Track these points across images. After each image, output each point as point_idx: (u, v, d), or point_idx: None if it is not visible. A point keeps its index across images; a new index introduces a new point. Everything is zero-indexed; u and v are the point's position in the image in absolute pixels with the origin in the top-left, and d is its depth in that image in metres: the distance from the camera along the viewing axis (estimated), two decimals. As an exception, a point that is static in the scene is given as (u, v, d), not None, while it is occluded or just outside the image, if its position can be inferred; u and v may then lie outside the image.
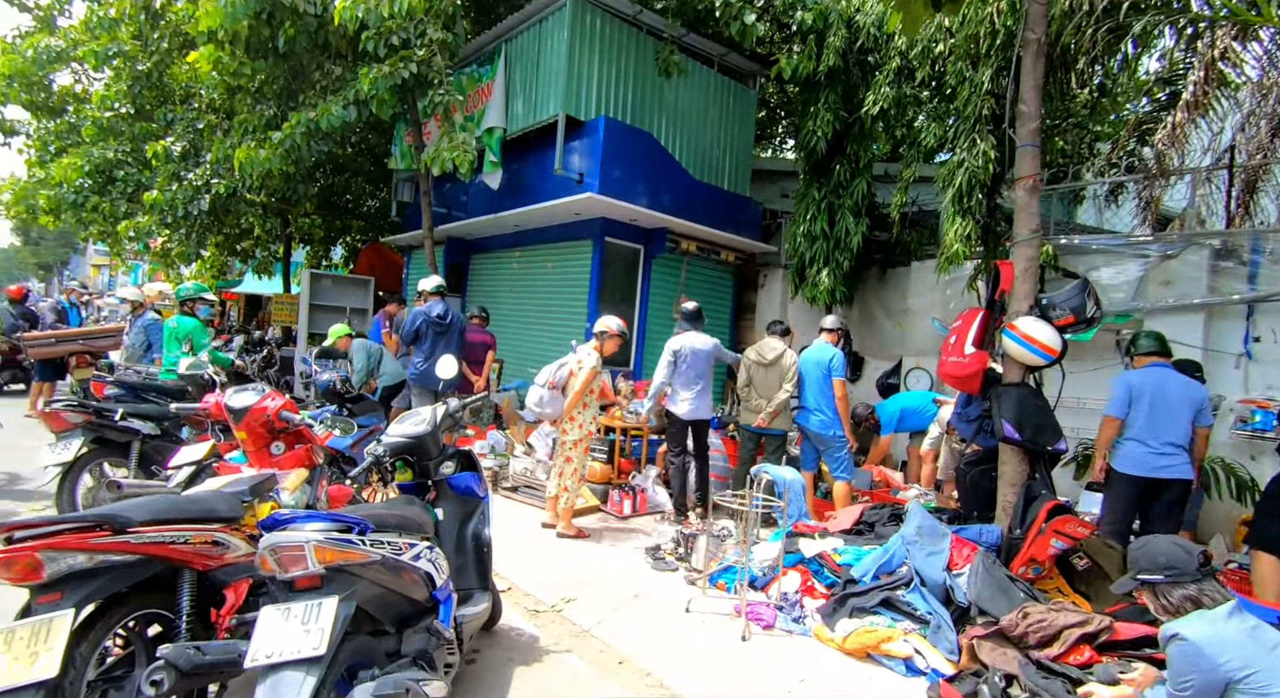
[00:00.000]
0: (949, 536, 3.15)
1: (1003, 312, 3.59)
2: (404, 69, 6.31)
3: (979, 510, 3.72)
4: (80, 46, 9.64)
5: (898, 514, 3.78)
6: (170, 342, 5.55)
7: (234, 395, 2.79)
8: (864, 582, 3.05)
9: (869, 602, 2.90)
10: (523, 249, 8.62)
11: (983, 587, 2.83)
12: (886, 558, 3.09)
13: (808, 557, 3.37)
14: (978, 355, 3.51)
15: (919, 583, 2.95)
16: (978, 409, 3.70)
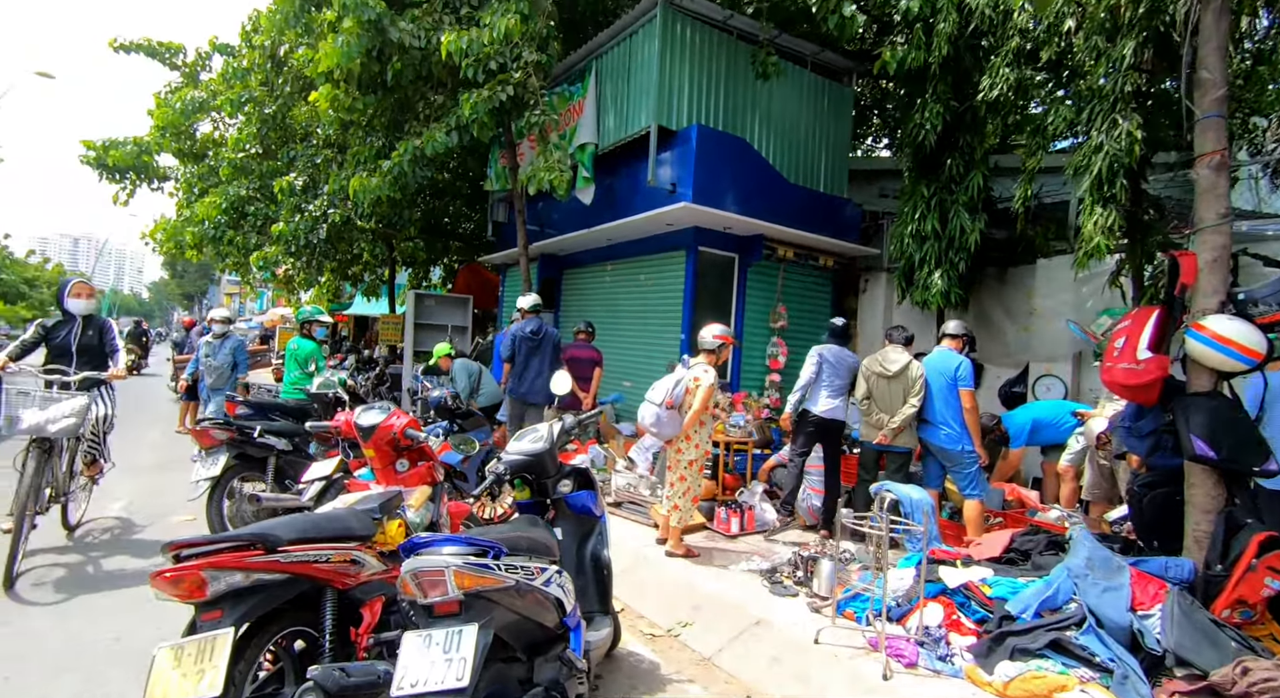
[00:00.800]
0: (1127, 569, 2.74)
1: (1183, 310, 3.11)
2: (501, 92, 6.50)
3: (1160, 541, 3.23)
4: (218, 96, 10.72)
5: (1057, 542, 3.36)
6: (291, 363, 5.87)
7: (362, 414, 2.86)
8: (1023, 619, 2.70)
9: (1033, 643, 2.55)
10: (615, 262, 8.65)
11: (1182, 633, 2.41)
12: (1050, 593, 2.72)
13: (950, 587, 3.04)
14: (1155, 361, 3.04)
15: (1094, 624, 2.57)
16: (1153, 423, 3.22)
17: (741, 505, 4.91)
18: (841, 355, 4.93)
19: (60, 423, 3.65)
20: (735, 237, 7.37)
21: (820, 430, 4.84)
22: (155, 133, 11.17)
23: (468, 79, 6.70)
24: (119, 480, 5.74)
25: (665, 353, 7.52)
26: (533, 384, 6.56)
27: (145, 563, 3.84)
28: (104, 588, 3.53)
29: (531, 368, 6.55)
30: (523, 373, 6.47)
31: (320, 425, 3.06)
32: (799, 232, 7.23)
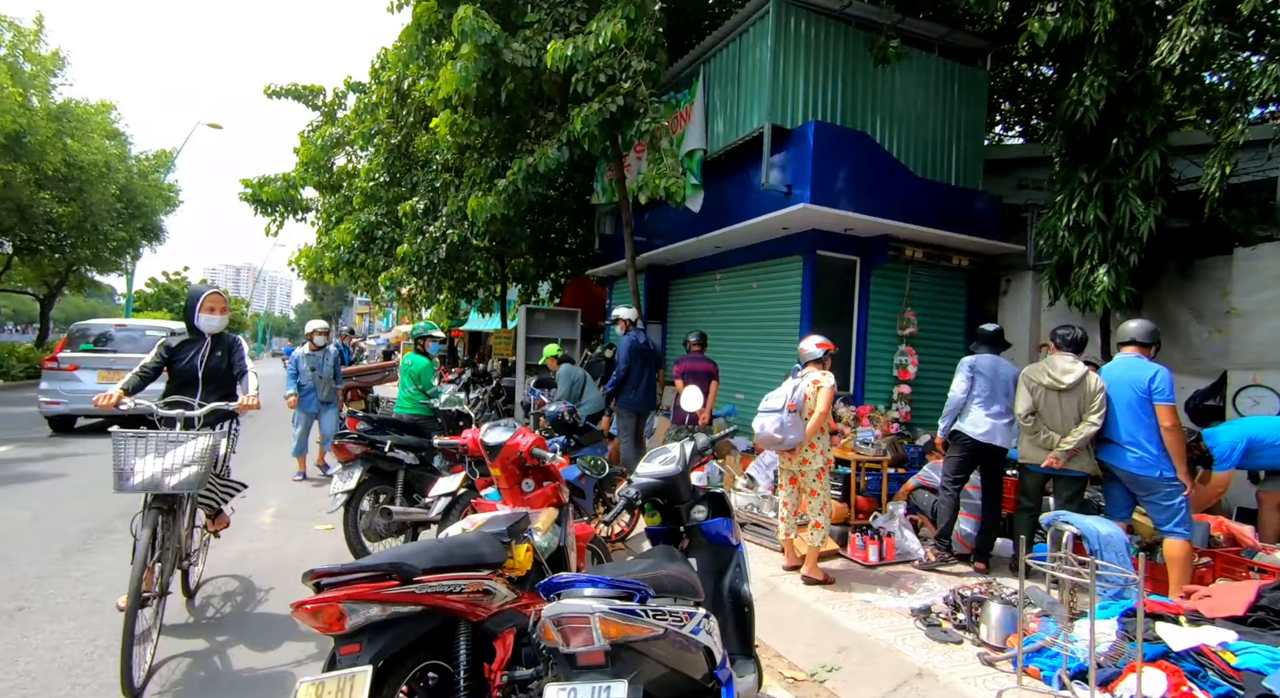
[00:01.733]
0: None
1: None
2: (611, 103, 6.45)
3: None
4: (351, 131, 11.65)
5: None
6: (405, 378, 5.83)
7: (488, 431, 2.79)
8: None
9: (1311, 736, 1.98)
10: (724, 271, 8.37)
11: None
12: (1327, 669, 2.12)
13: (1175, 650, 2.48)
14: None
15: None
16: None
17: (879, 532, 4.43)
18: (997, 366, 4.35)
19: (181, 474, 2.86)
20: (857, 238, 6.87)
21: (978, 455, 4.28)
22: (300, 169, 12.30)
23: (578, 94, 6.74)
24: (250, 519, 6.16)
25: (781, 364, 7.12)
26: (645, 395, 6.46)
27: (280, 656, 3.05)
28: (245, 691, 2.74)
29: (645, 379, 6.46)
30: (638, 384, 6.39)
31: (448, 442, 3.03)
32: (929, 229, 6.61)
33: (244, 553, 4.42)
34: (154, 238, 22.02)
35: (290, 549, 4.54)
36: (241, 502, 5.86)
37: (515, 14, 7.51)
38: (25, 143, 14.49)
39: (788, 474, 4.16)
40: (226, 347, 3.60)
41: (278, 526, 5.10)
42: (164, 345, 3.52)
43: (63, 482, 6.14)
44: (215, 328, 3.59)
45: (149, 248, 22.79)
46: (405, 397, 5.75)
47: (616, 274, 10.99)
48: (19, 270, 20.76)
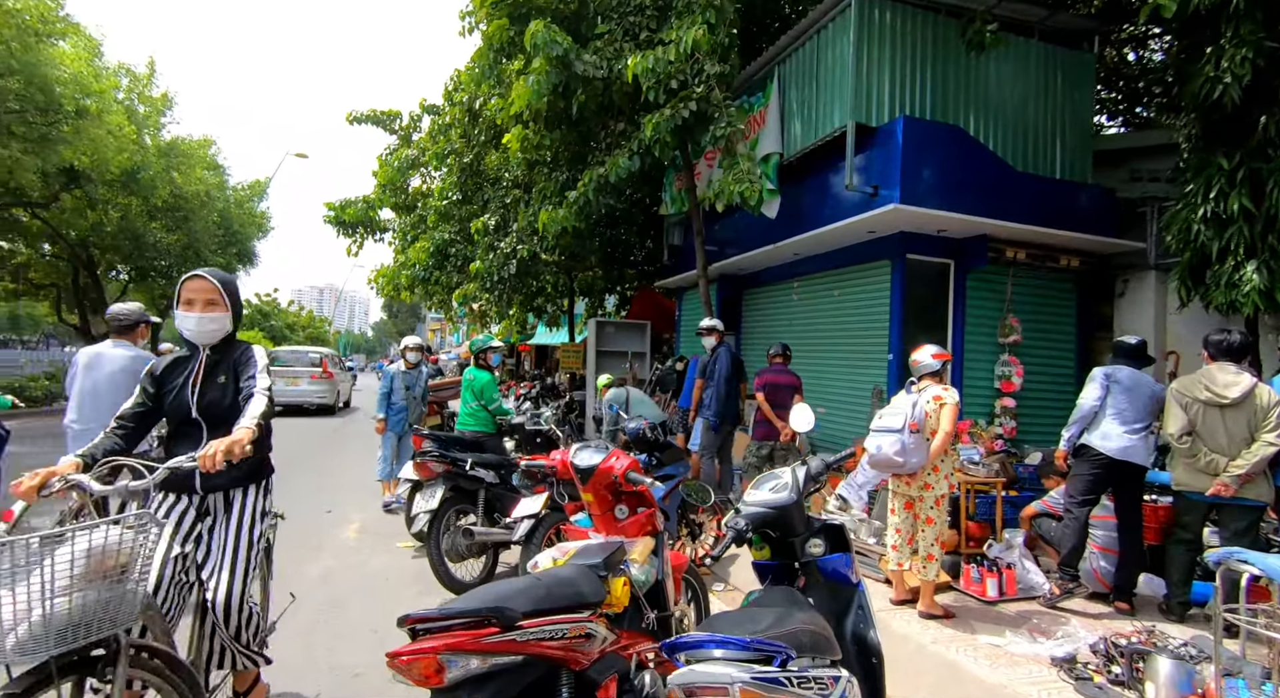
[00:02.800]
0: None
1: None
2: (684, 109, 6.28)
3: None
4: (426, 152, 12.03)
5: None
6: (466, 393, 5.51)
7: (579, 453, 2.61)
8: None
9: None
10: (802, 279, 7.99)
11: None
12: None
13: None
14: None
15: None
16: None
17: (997, 563, 3.97)
18: (1138, 380, 3.84)
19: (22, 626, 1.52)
20: (950, 240, 6.38)
21: (1112, 474, 3.77)
22: (378, 190, 12.80)
23: (649, 102, 6.61)
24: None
25: (868, 376, 6.68)
26: (732, 410, 6.19)
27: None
28: None
29: (732, 393, 6.21)
30: (725, 398, 6.15)
31: (535, 464, 2.88)
32: (1033, 228, 6.05)
33: (330, 571, 4.42)
34: (248, 262, 23.53)
35: (373, 567, 4.52)
36: (327, 517, 6.00)
37: (585, 26, 7.50)
38: (139, 178, 15.76)
39: (902, 499, 3.79)
40: (232, 363, 2.33)
41: (361, 542, 5.12)
42: (148, 373, 2.33)
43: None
44: (206, 334, 2.29)
45: (244, 271, 24.41)
46: (467, 413, 5.44)
47: (686, 285, 10.77)
48: (133, 295, 22.68)
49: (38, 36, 11.06)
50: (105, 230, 16.41)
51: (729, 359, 6.24)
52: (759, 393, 5.79)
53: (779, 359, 6.09)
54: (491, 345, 5.71)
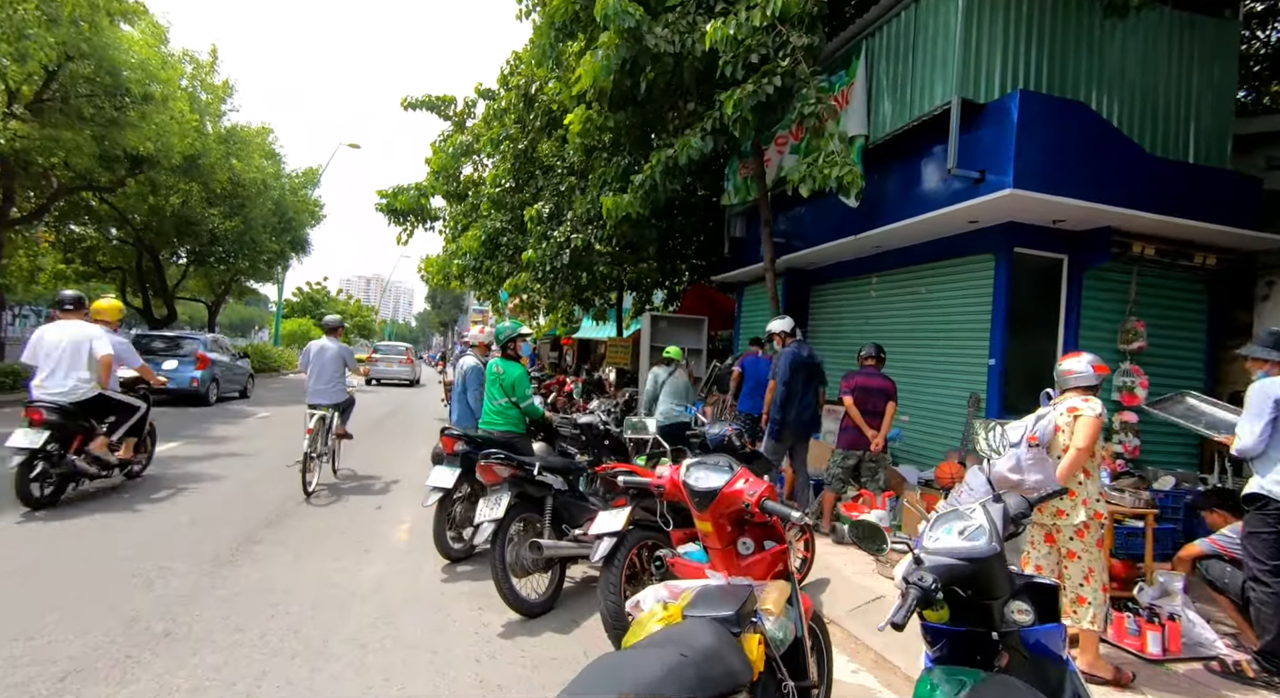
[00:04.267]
0: None
1: None
2: (768, 84, 5.74)
3: None
4: (480, 138, 11.74)
5: None
6: (493, 388, 4.80)
7: (695, 471, 2.14)
8: None
9: None
10: (882, 274, 7.35)
11: None
12: None
13: None
14: None
15: None
16: None
17: (1156, 612, 3.34)
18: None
19: None
20: (1065, 232, 5.67)
21: None
22: (431, 177, 12.60)
23: (725, 78, 6.10)
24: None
25: (963, 383, 6.03)
26: (803, 416, 5.66)
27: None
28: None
29: (807, 397, 5.68)
30: (800, 402, 5.63)
31: (637, 481, 2.43)
32: (1168, 218, 5.31)
33: (381, 577, 4.08)
34: (301, 250, 23.90)
35: (426, 576, 4.15)
36: (378, 513, 5.70)
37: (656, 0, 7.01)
38: (200, 164, 16.01)
39: (1041, 530, 3.21)
40: None
41: (413, 545, 4.78)
42: None
43: (221, 485, 6.26)
44: None
45: (296, 259, 24.82)
46: (494, 410, 4.76)
47: (747, 280, 10.21)
48: (192, 281, 23.27)
49: (110, 16, 11.16)
50: (165, 214, 16.73)
51: (790, 360, 5.71)
52: (846, 397, 5.22)
53: (871, 362, 5.50)
54: (520, 333, 4.92)
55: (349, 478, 7.07)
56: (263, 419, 11.51)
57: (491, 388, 4.82)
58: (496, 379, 4.79)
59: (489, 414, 4.83)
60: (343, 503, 6.00)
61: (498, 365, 4.82)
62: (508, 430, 4.73)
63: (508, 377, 4.72)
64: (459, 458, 4.29)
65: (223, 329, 75.48)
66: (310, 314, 41.33)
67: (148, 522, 4.94)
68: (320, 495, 6.11)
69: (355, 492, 6.48)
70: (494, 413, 4.80)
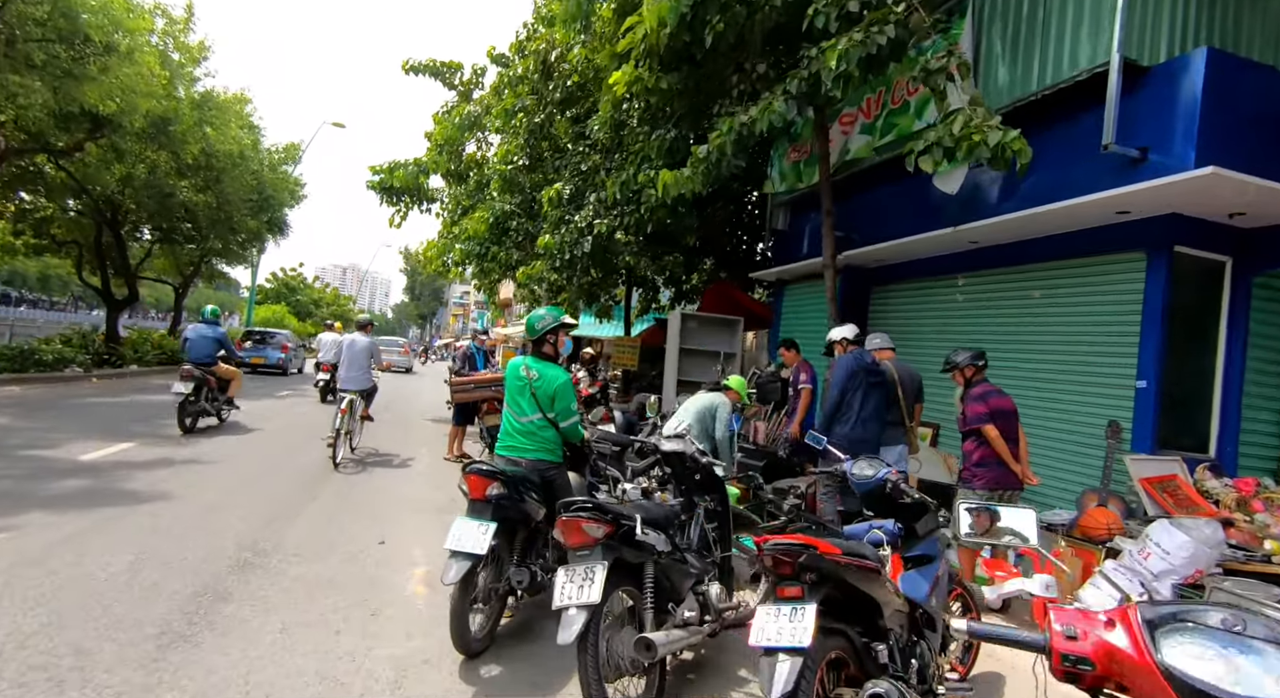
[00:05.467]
0: None
1: None
2: (879, 33, 4.67)
3: None
4: (491, 109, 10.53)
5: None
6: (523, 400, 3.54)
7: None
8: None
9: None
10: (974, 274, 6.35)
11: None
12: None
13: None
14: None
15: None
16: None
17: None
18: None
19: None
20: (1236, 230, 4.71)
21: None
22: (432, 152, 11.33)
23: (813, 32, 5.05)
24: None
25: (1096, 408, 5.03)
26: (855, 432, 4.57)
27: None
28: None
29: (865, 412, 4.62)
30: (856, 417, 4.57)
31: (860, 553, 1.34)
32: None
33: (399, 667, 2.89)
34: (279, 232, 22.29)
35: (459, 661, 2.98)
36: (384, 552, 4.44)
37: (728, -63, 5.92)
38: (170, 131, 14.48)
39: None
40: None
41: (434, 602, 3.60)
42: None
43: (174, 506, 4.99)
44: None
45: (274, 241, 23.18)
46: (520, 429, 3.50)
47: (789, 277, 9.17)
48: (157, 260, 21.49)
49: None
50: (133, 185, 15.16)
51: (847, 367, 4.69)
52: (990, 427, 4.13)
53: (977, 373, 4.42)
54: (564, 322, 3.67)
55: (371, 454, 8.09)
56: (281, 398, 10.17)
57: (518, 399, 3.52)
58: (525, 387, 3.48)
59: (512, 435, 3.52)
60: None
61: (527, 367, 3.50)
62: (540, 459, 3.47)
63: (545, 384, 3.45)
64: (492, 507, 3.08)
65: (190, 315, 72.55)
66: (285, 300, 39.38)
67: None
68: (346, 467, 7.17)
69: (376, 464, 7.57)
70: (520, 434, 3.50)
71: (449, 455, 8.20)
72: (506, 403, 3.63)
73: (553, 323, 3.59)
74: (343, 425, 7.07)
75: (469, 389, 7.42)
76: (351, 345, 7.70)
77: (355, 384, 7.55)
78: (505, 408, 3.64)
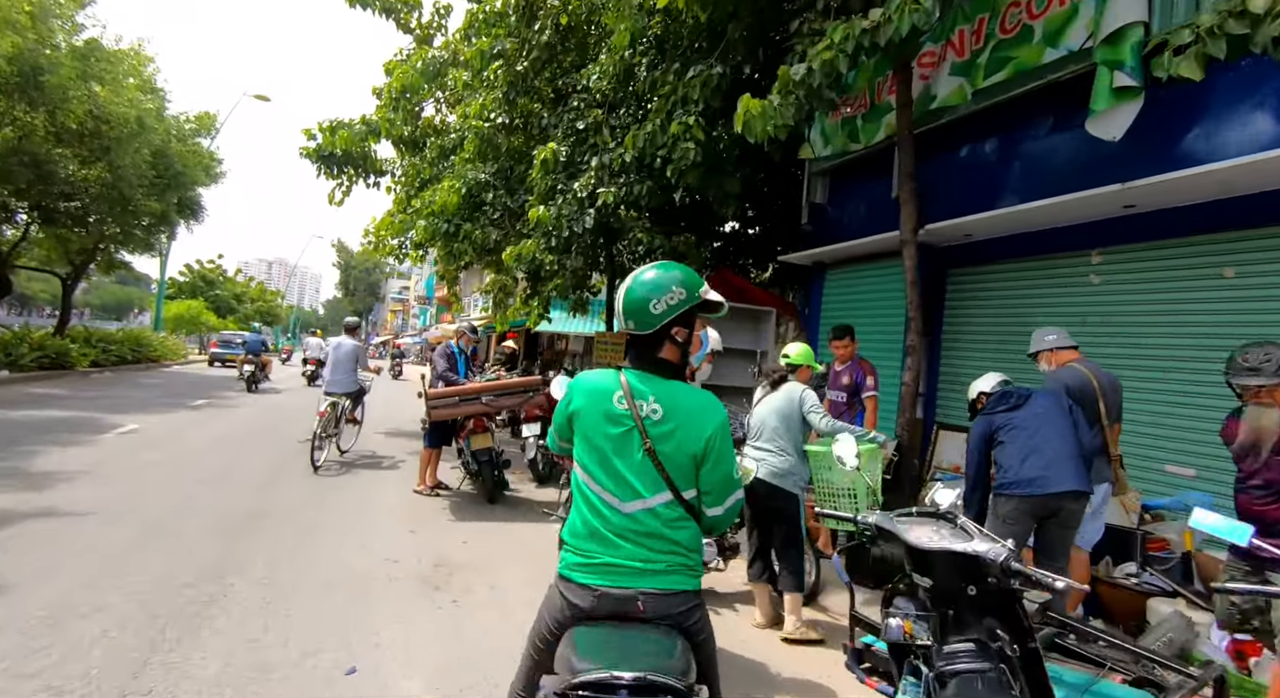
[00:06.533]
0: None
1: None
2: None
3: None
4: (460, 57, 8.62)
5: None
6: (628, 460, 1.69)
7: None
8: None
9: None
10: (1119, 249, 5.01)
11: None
12: None
13: None
14: None
15: None
16: None
17: None
18: None
19: None
20: None
21: None
22: (384, 110, 9.28)
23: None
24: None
25: None
26: (1063, 469, 3.16)
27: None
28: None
29: (1054, 439, 3.21)
30: (1042, 449, 3.17)
31: None
32: None
33: None
34: (191, 215, 19.36)
35: None
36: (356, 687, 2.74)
37: None
38: (43, 83, 11.76)
39: None
40: None
41: None
42: None
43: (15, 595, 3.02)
44: None
45: (185, 227, 20.16)
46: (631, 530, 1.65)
47: (829, 260, 7.73)
48: (41, 245, 18.16)
49: None
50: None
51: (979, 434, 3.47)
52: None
53: None
54: (706, 299, 1.74)
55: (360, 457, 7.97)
56: (124, 436, 7.87)
57: (612, 461, 1.68)
58: (630, 436, 1.66)
59: (604, 541, 1.65)
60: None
61: (631, 392, 1.68)
62: (671, 587, 1.64)
63: (685, 429, 1.66)
64: None
65: (94, 312, 65.35)
66: (203, 295, 35.42)
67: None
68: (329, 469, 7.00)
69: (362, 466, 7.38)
70: (625, 537, 1.64)
71: (420, 487, 6.35)
72: (583, 467, 1.72)
73: (684, 300, 1.71)
74: (322, 429, 7.02)
75: (451, 403, 5.61)
76: (337, 348, 7.64)
77: (340, 387, 7.45)
78: (580, 478, 1.73)
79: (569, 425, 1.79)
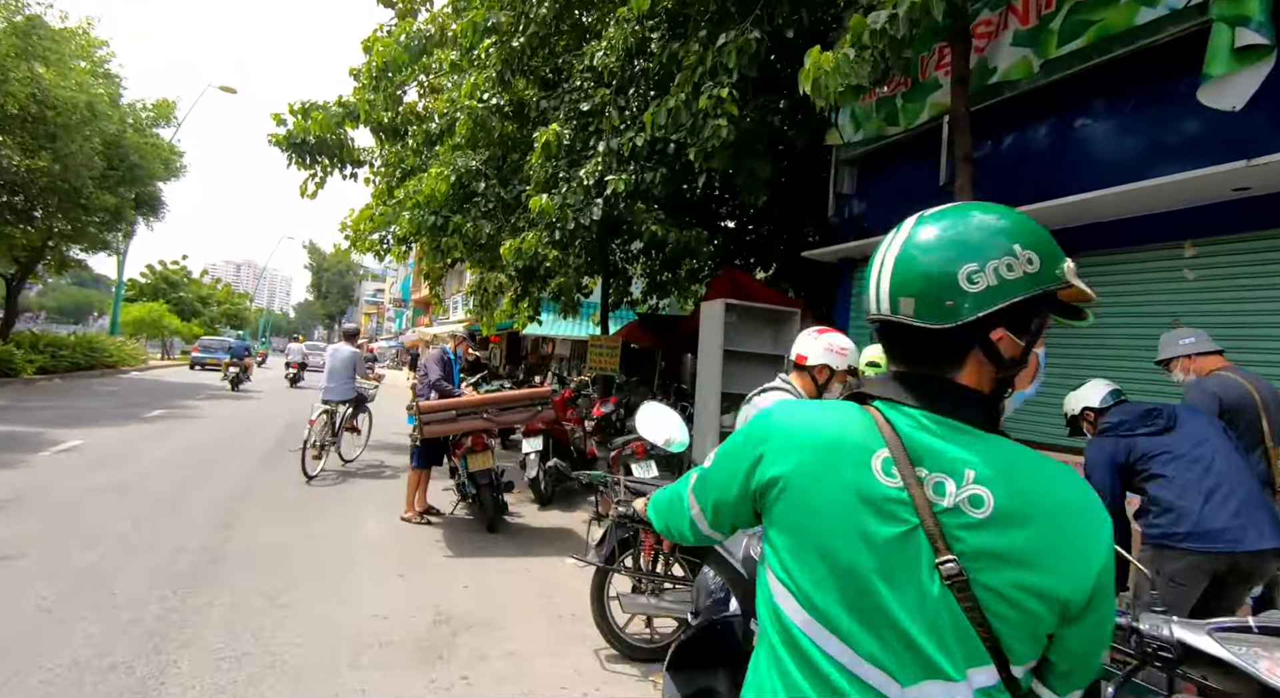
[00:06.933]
0: None
1: None
2: None
3: None
4: (447, 32, 7.80)
5: None
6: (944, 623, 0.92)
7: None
8: None
9: None
10: (1217, 242, 4.40)
11: None
12: None
13: None
14: None
15: None
16: None
17: None
18: None
19: None
20: None
21: None
22: (362, 91, 8.40)
23: None
24: None
25: None
26: (1259, 518, 2.49)
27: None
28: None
29: (1232, 476, 2.55)
30: (1225, 489, 2.51)
31: None
32: None
33: None
34: (150, 211, 18.11)
35: None
36: None
37: None
38: (-24, 62, 10.64)
39: None
40: None
41: None
42: None
43: None
44: None
45: (145, 224, 18.88)
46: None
47: (859, 256, 7.07)
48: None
49: None
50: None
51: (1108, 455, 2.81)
52: None
53: None
54: (1068, 281, 0.83)
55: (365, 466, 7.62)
56: (61, 454, 6.86)
57: (886, 609, 0.79)
58: (918, 558, 0.79)
59: None
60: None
61: (948, 474, 0.80)
62: None
63: (1063, 556, 0.78)
64: None
65: (50, 315, 62.27)
66: (165, 298, 33.73)
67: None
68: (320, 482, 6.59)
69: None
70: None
71: (409, 514, 5.51)
72: (804, 600, 0.84)
73: (1033, 276, 0.80)
74: (315, 438, 6.77)
75: (448, 418, 4.79)
76: (335, 355, 7.32)
77: (337, 395, 7.21)
78: (791, 617, 0.85)
79: (754, 504, 0.93)
